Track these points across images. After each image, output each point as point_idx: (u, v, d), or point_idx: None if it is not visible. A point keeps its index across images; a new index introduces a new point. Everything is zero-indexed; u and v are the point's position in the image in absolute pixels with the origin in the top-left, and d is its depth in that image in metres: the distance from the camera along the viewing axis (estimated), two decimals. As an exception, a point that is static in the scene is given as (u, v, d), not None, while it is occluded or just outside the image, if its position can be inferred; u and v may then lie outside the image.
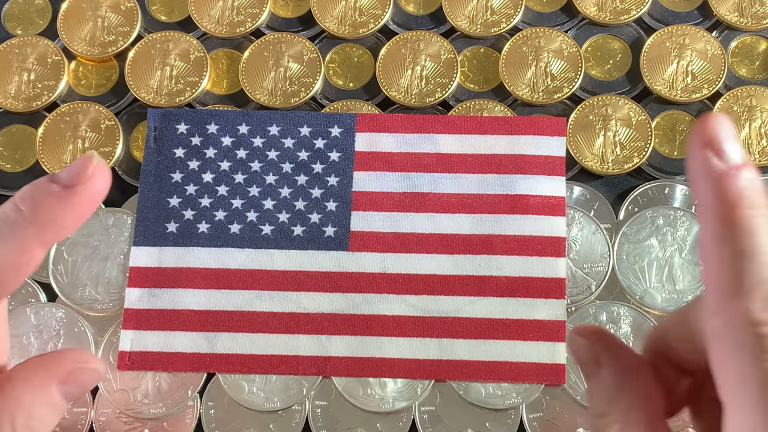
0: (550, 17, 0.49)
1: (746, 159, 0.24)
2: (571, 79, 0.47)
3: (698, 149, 0.23)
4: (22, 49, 0.50)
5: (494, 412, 0.42)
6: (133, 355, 0.43)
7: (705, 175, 0.23)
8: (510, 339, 0.43)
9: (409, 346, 0.43)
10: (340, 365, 0.43)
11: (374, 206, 0.45)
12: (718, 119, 0.23)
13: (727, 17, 0.48)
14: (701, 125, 0.23)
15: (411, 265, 0.44)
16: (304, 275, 0.44)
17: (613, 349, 0.26)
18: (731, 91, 0.47)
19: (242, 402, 0.43)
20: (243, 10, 0.50)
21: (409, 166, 0.45)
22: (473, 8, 0.49)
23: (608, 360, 0.26)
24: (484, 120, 0.46)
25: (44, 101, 0.49)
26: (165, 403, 0.43)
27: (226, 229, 0.45)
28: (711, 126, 0.23)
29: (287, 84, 0.48)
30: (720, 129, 0.23)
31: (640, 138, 0.46)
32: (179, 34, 0.50)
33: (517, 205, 0.44)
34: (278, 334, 0.43)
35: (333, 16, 0.49)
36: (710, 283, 0.23)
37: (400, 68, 0.48)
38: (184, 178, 0.46)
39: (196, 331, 0.43)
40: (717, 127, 0.23)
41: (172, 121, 0.47)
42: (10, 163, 0.48)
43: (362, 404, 0.42)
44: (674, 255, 0.44)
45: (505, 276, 0.43)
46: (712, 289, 0.23)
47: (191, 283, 0.44)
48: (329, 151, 0.46)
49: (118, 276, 0.45)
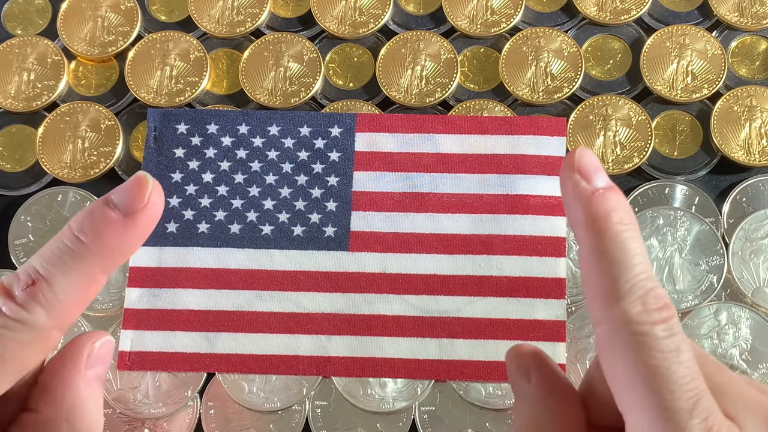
0: (550, 17, 0.49)
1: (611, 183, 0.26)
2: (571, 79, 0.47)
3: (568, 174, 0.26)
4: (22, 49, 0.50)
5: (494, 412, 0.42)
6: (133, 355, 0.43)
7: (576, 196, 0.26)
8: (510, 339, 0.43)
9: (409, 346, 0.43)
10: (340, 365, 0.43)
11: (374, 206, 0.45)
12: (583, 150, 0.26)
13: (727, 17, 0.48)
14: (569, 157, 0.26)
15: (411, 265, 0.44)
16: (304, 275, 0.44)
17: (545, 371, 0.27)
18: (731, 91, 0.47)
19: (242, 402, 0.43)
20: (243, 10, 0.50)
21: (409, 166, 0.45)
22: (473, 8, 0.49)
23: (537, 377, 0.27)
24: (484, 120, 0.46)
25: (44, 101, 0.49)
26: (165, 403, 0.43)
27: (226, 229, 0.45)
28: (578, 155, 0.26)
29: (287, 84, 0.48)
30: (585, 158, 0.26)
31: (640, 138, 0.46)
32: (179, 34, 0.50)
33: (517, 205, 0.44)
34: (278, 334, 0.43)
35: (333, 16, 0.49)
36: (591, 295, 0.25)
37: (400, 68, 0.48)
38: (184, 178, 0.46)
39: (196, 331, 0.43)
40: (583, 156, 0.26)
41: (172, 121, 0.47)
42: (10, 163, 0.48)
43: (362, 404, 0.42)
44: (674, 255, 0.44)
45: (505, 276, 0.43)
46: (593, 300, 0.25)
47: (191, 283, 0.44)
48: (329, 151, 0.46)
49: (118, 276, 0.45)
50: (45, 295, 0.26)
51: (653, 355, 0.23)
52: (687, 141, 0.47)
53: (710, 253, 0.44)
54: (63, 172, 0.47)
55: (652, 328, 0.23)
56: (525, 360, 0.28)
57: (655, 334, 0.23)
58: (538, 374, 0.27)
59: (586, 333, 0.43)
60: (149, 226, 0.27)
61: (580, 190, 0.26)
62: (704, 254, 0.44)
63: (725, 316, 0.43)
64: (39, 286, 0.26)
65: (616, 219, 0.25)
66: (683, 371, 0.23)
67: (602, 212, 0.25)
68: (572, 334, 0.43)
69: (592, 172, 0.26)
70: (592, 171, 0.26)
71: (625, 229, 0.25)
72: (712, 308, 0.43)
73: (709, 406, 0.23)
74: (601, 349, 0.24)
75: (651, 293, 0.24)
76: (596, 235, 0.25)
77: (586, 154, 0.26)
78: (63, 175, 0.47)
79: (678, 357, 0.23)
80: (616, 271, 0.24)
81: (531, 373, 0.27)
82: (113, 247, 0.26)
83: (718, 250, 0.44)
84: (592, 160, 0.26)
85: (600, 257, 0.24)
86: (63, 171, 0.47)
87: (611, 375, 0.24)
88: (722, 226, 0.45)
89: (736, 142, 0.46)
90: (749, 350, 0.42)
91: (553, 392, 0.27)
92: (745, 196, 0.45)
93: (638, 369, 0.23)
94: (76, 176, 0.47)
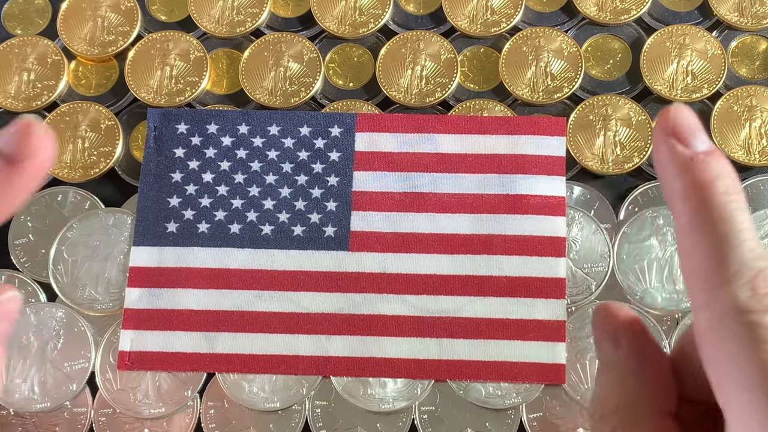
0: (550, 17, 0.49)
1: (713, 146, 0.23)
2: (571, 79, 0.47)
3: (663, 139, 0.23)
4: (22, 49, 0.50)
5: (494, 412, 0.42)
6: (132, 355, 0.43)
7: (673, 163, 0.23)
8: (510, 339, 0.43)
9: (409, 345, 0.43)
10: (340, 365, 0.43)
11: (374, 206, 0.45)
12: (680, 109, 0.23)
13: (727, 17, 0.48)
14: (663, 116, 0.23)
15: (411, 265, 0.44)
16: (304, 275, 0.44)
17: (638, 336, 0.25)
18: (731, 91, 0.47)
19: (242, 402, 0.43)
20: (243, 10, 0.50)
21: (409, 166, 0.45)
22: (473, 8, 0.49)
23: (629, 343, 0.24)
24: (484, 120, 0.46)
25: (44, 101, 0.49)
26: (165, 403, 0.43)
27: (226, 229, 0.45)
28: (673, 115, 0.23)
29: (287, 84, 0.48)
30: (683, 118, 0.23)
31: (640, 138, 0.46)
32: (179, 33, 0.50)
33: (517, 205, 0.44)
34: (278, 334, 0.43)
35: (333, 16, 0.49)
36: (692, 274, 0.22)
37: (400, 68, 0.48)
38: (184, 178, 0.46)
39: (196, 331, 0.43)
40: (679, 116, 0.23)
41: (172, 120, 0.47)
42: (10, 163, 0.48)
43: (362, 404, 0.42)
44: (674, 255, 0.44)
45: (505, 276, 0.43)
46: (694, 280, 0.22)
47: (191, 283, 0.44)
48: (329, 151, 0.46)
49: (117, 276, 0.45)
50: None
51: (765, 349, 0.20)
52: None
53: (710, 253, 0.44)
54: (63, 172, 0.47)
55: (764, 317, 0.20)
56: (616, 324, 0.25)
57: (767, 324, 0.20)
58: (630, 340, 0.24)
59: (586, 333, 0.43)
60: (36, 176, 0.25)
61: (677, 155, 0.23)
62: (704, 254, 0.44)
63: None
64: None
65: (721, 188, 0.22)
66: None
67: (705, 180, 0.22)
68: (572, 334, 0.43)
69: (690, 134, 0.23)
70: (691, 133, 0.23)
71: (732, 200, 0.22)
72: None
73: None
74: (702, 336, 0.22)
75: (761, 275, 0.21)
76: (698, 207, 0.22)
77: (684, 113, 0.23)
78: (63, 175, 0.47)
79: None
80: (723, 249, 0.21)
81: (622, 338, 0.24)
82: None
83: (718, 250, 0.44)
84: (691, 119, 0.23)
85: (703, 232, 0.22)
86: (63, 171, 0.47)
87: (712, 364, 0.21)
88: (722, 226, 0.45)
89: (736, 142, 0.46)
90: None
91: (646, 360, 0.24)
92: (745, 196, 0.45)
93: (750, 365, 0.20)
94: (76, 176, 0.47)
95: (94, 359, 0.43)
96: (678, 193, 0.23)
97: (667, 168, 0.23)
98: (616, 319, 0.25)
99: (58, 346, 0.44)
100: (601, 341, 0.25)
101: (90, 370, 0.43)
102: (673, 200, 0.23)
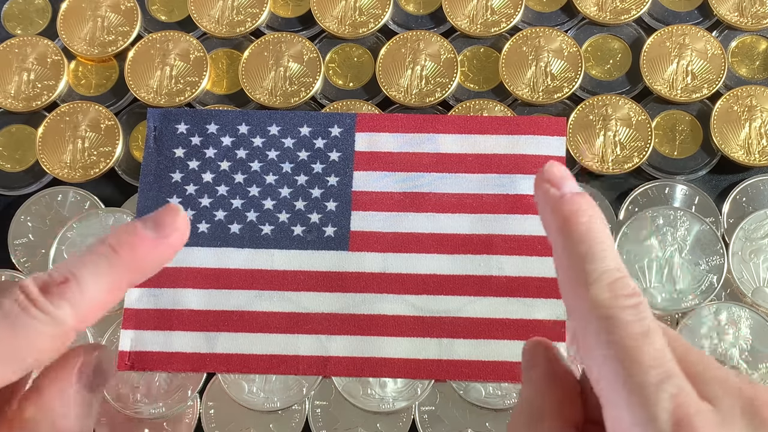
0: (550, 17, 0.49)
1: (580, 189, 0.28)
2: (571, 78, 0.47)
3: (540, 184, 0.28)
4: (22, 49, 0.50)
5: (494, 412, 0.42)
6: (133, 355, 0.43)
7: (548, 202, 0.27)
8: (510, 339, 0.43)
9: (409, 345, 0.43)
10: (340, 365, 0.43)
11: (374, 206, 0.45)
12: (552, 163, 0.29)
13: (727, 17, 0.48)
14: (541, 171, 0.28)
15: (411, 264, 0.44)
16: (304, 275, 0.44)
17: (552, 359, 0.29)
18: (731, 90, 0.47)
19: (242, 402, 0.43)
20: (243, 10, 0.50)
21: (409, 166, 0.45)
22: (473, 8, 0.49)
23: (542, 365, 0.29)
24: (484, 120, 0.46)
25: (44, 101, 0.49)
26: (165, 403, 0.43)
27: (226, 228, 0.45)
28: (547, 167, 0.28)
29: (287, 84, 0.48)
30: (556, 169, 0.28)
31: (640, 138, 0.46)
32: (179, 33, 0.50)
33: (517, 205, 0.44)
34: (278, 334, 0.43)
35: (333, 16, 0.49)
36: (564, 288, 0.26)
37: (400, 68, 0.48)
38: (184, 177, 0.46)
39: (196, 331, 0.43)
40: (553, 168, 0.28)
41: (171, 120, 0.47)
42: (10, 163, 0.48)
43: (362, 404, 0.42)
44: (674, 255, 0.44)
45: (505, 276, 0.43)
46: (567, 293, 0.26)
47: (191, 282, 0.44)
48: (329, 150, 0.46)
49: (118, 276, 0.45)
50: (74, 293, 0.27)
51: (621, 335, 0.24)
52: (687, 141, 0.47)
53: (710, 253, 0.44)
54: (63, 172, 0.47)
55: (620, 312, 0.24)
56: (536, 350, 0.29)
57: (624, 318, 0.24)
58: (544, 363, 0.29)
59: (586, 333, 0.43)
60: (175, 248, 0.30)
61: (549, 196, 0.27)
62: (704, 254, 0.44)
63: (725, 316, 0.43)
64: (69, 284, 0.27)
65: (583, 218, 0.26)
66: (653, 352, 0.23)
67: (570, 212, 0.27)
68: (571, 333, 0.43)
69: (560, 180, 0.28)
70: (561, 179, 0.28)
71: (592, 228, 0.26)
72: (712, 308, 0.43)
73: (680, 383, 0.23)
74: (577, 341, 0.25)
75: (619, 281, 0.25)
76: (566, 233, 0.26)
77: (555, 165, 0.28)
78: (63, 174, 0.47)
79: (647, 339, 0.24)
80: (586, 264, 0.25)
81: (538, 361, 0.29)
82: (142, 263, 0.29)
83: (718, 250, 0.44)
84: (561, 169, 0.28)
85: (570, 254, 0.26)
86: (63, 171, 0.47)
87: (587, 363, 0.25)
88: (722, 225, 0.45)
89: (736, 142, 0.46)
90: (749, 350, 0.42)
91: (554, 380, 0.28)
92: (745, 195, 0.45)
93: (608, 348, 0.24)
94: (76, 176, 0.47)
95: (94, 359, 0.43)
96: (551, 225, 0.27)
97: (544, 208, 0.28)
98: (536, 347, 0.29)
99: (58, 346, 0.43)
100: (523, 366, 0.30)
101: (90, 370, 0.43)
102: (549, 231, 0.28)
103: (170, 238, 0.29)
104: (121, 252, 0.28)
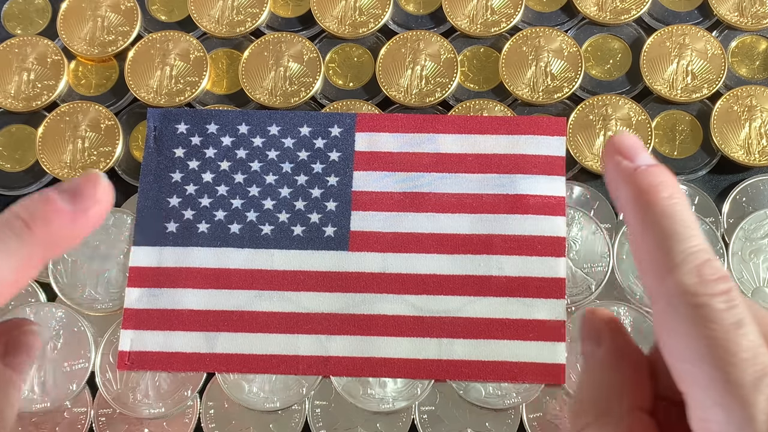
0: (550, 17, 0.49)
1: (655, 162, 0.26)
2: (571, 78, 0.47)
3: (610, 157, 0.26)
4: (22, 49, 0.50)
5: (494, 412, 0.42)
6: (132, 355, 0.43)
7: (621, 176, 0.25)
8: (510, 339, 0.43)
9: (408, 345, 0.43)
10: (340, 365, 0.43)
11: (374, 206, 0.45)
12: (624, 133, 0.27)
13: (727, 17, 0.48)
14: (610, 140, 0.27)
15: (411, 265, 0.44)
16: (303, 275, 0.44)
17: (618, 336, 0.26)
18: (731, 90, 0.47)
19: (242, 402, 0.43)
20: (243, 10, 0.50)
21: (409, 166, 0.45)
22: (473, 8, 0.49)
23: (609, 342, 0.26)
24: (484, 120, 0.46)
25: (44, 101, 0.49)
26: (165, 403, 0.43)
27: (226, 228, 0.45)
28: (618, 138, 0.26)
29: (287, 84, 0.48)
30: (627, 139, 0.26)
31: (640, 138, 0.46)
32: (179, 33, 0.50)
33: (517, 204, 0.44)
34: (278, 333, 0.43)
35: (333, 16, 0.49)
36: (645, 271, 0.24)
37: (400, 68, 0.48)
38: (184, 177, 0.46)
39: (196, 331, 0.43)
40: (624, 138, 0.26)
41: (171, 120, 0.47)
42: (10, 163, 0.48)
43: (362, 404, 0.42)
44: (674, 255, 0.44)
45: (505, 276, 0.43)
46: (647, 276, 0.24)
47: (191, 282, 0.44)
48: (329, 150, 0.46)
49: (117, 276, 0.45)
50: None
51: (713, 328, 0.21)
52: (687, 141, 0.47)
53: (710, 253, 0.44)
54: (63, 172, 0.47)
55: (710, 300, 0.22)
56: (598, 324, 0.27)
57: (715, 306, 0.22)
58: (610, 339, 0.26)
59: (586, 333, 0.43)
60: (96, 222, 0.27)
61: (623, 169, 0.25)
62: (704, 254, 0.44)
63: None
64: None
65: (664, 192, 0.24)
66: (747, 344, 0.21)
67: (649, 185, 0.24)
68: (572, 334, 0.43)
69: (634, 152, 0.26)
70: (634, 150, 0.26)
71: (675, 202, 0.24)
72: None
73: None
74: (658, 327, 0.23)
75: (708, 264, 0.23)
76: (644, 209, 0.24)
77: (628, 136, 0.27)
78: (63, 175, 0.47)
79: (740, 329, 0.22)
80: (669, 243, 0.23)
81: (602, 338, 0.26)
82: (57, 238, 0.26)
83: (718, 250, 0.44)
84: (633, 140, 0.26)
85: (650, 231, 0.24)
86: (63, 171, 0.47)
87: (669, 352, 0.23)
88: (722, 225, 0.45)
89: (736, 142, 0.46)
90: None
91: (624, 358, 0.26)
92: (744, 195, 0.45)
93: (698, 343, 0.22)
94: (75, 176, 0.47)
95: (94, 359, 0.43)
96: (627, 201, 0.25)
97: (617, 182, 0.26)
98: (599, 321, 0.27)
99: (58, 346, 0.44)
100: (584, 341, 0.27)
101: (90, 370, 0.43)
102: (624, 208, 0.25)
103: (90, 212, 0.26)
104: (34, 227, 0.26)
